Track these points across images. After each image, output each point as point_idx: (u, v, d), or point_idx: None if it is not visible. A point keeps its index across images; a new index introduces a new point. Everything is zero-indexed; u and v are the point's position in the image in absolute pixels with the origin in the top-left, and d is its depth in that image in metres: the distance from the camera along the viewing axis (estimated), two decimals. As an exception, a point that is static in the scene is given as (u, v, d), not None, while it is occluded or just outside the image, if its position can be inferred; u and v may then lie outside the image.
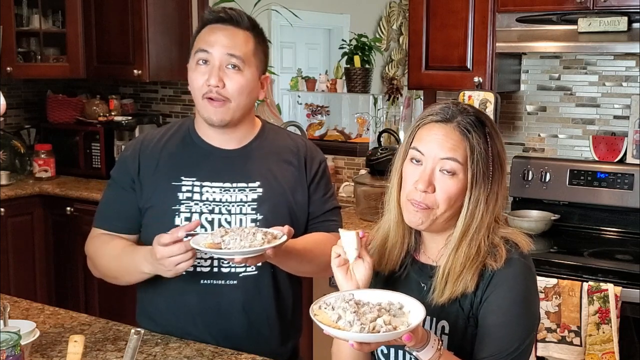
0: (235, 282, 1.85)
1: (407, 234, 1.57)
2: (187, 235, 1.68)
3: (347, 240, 1.47)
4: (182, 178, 1.87)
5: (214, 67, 1.81)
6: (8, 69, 4.09)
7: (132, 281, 1.88)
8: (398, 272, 1.58)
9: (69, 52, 4.26)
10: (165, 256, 1.66)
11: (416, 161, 1.49)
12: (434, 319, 1.52)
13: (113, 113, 4.38)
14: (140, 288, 1.95)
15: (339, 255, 1.48)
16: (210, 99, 1.81)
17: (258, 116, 2.01)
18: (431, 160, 1.47)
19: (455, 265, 1.47)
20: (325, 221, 1.95)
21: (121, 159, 1.98)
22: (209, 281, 1.85)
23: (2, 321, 1.67)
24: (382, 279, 1.60)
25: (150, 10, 4.01)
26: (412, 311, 1.36)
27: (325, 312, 1.35)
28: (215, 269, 1.85)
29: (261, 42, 1.89)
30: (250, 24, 1.87)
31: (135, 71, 4.06)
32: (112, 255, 1.88)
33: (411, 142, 1.51)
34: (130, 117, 4.29)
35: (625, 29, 2.79)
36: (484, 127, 1.48)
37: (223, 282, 1.85)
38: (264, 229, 1.70)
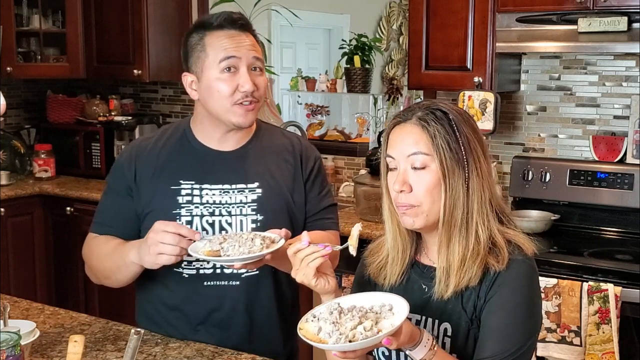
0: (238, 282, 1.86)
1: (407, 244, 1.56)
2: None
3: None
4: (181, 181, 1.86)
5: (244, 73, 1.80)
6: (8, 69, 4.09)
7: (121, 279, 1.86)
8: (398, 281, 1.57)
9: (69, 52, 4.26)
10: (157, 240, 1.66)
11: (392, 168, 1.51)
12: (436, 320, 1.51)
13: (113, 113, 4.38)
14: (139, 290, 1.95)
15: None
16: (244, 103, 1.80)
17: None
18: (402, 161, 1.48)
19: (454, 258, 1.46)
20: (321, 219, 1.95)
21: (116, 165, 1.96)
22: (212, 283, 1.85)
23: (2, 321, 1.67)
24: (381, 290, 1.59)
25: (150, 10, 4.02)
26: (399, 312, 1.36)
27: (309, 325, 1.38)
28: (218, 270, 1.85)
29: (260, 43, 1.93)
30: (252, 27, 1.89)
31: (135, 71, 4.07)
32: (105, 253, 1.87)
33: (386, 151, 1.53)
34: (130, 117, 4.29)
35: (625, 29, 2.79)
36: (446, 116, 1.48)
37: (226, 282, 1.85)
38: (262, 234, 1.70)
